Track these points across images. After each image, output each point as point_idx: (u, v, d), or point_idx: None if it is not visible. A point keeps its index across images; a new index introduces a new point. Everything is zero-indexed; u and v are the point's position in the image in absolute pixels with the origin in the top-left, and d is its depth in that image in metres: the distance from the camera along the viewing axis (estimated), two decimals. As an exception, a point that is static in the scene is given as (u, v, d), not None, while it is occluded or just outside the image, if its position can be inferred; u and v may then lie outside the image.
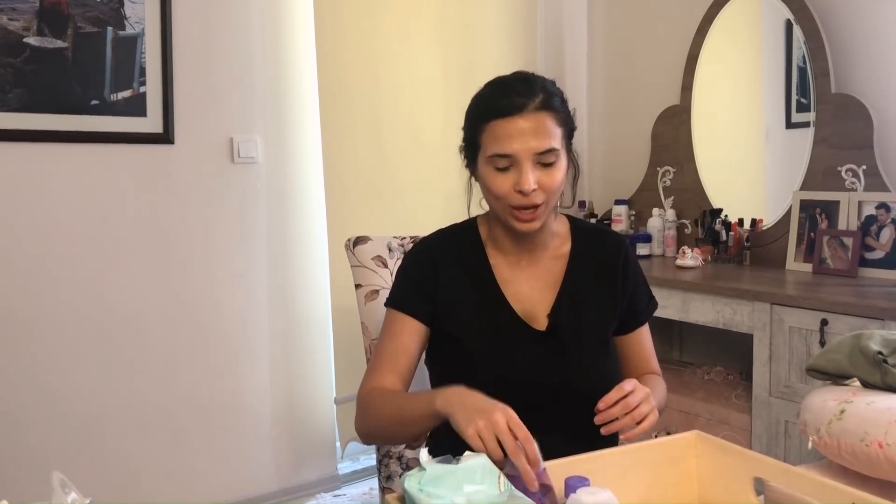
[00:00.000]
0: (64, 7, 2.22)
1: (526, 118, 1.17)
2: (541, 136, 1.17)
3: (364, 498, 2.75)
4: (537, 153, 1.17)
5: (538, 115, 1.17)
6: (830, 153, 2.46)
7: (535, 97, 1.18)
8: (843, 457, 1.28)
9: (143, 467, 2.42)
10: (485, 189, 1.24)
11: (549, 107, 1.19)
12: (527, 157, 1.16)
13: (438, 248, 1.32)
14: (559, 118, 1.21)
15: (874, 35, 2.40)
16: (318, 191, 2.70)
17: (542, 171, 1.18)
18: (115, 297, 2.36)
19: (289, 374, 2.70)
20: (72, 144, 2.27)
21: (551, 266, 1.31)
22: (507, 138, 1.16)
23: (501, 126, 1.17)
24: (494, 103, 1.19)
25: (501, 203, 1.21)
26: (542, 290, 1.29)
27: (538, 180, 1.17)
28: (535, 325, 1.27)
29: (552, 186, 1.19)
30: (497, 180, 1.19)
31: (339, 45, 2.68)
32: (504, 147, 1.17)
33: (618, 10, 3.28)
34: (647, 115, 3.10)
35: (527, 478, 0.84)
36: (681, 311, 2.41)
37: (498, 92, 1.21)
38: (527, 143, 1.16)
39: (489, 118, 1.19)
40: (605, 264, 1.32)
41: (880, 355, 1.36)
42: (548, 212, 1.22)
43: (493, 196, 1.22)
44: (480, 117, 1.21)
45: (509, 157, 1.17)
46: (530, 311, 1.27)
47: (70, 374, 2.30)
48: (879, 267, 2.29)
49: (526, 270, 1.30)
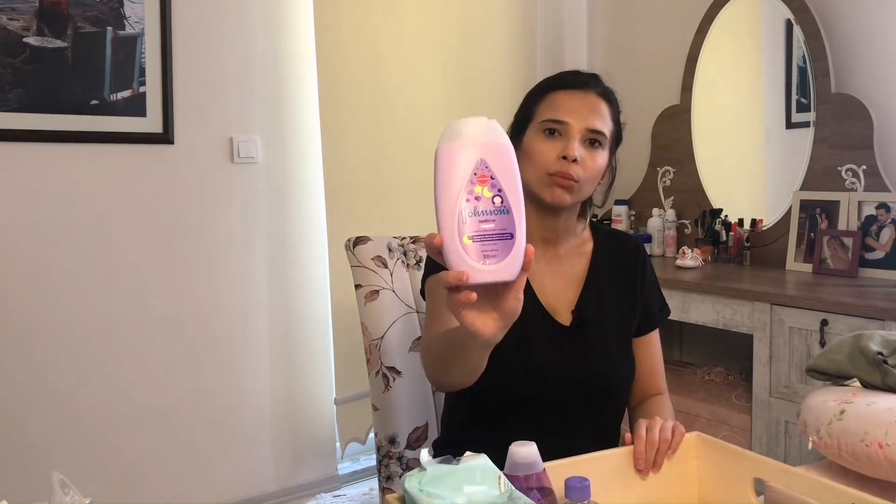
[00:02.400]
0: (64, 7, 2.22)
1: (588, 95, 1.24)
2: (596, 115, 1.23)
3: (364, 498, 2.75)
4: (588, 129, 1.21)
5: (598, 99, 1.25)
6: (830, 153, 2.46)
7: (600, 85, 1.27)
8: (843, 457, 1.28)
9: (143, 467, 2.42)
10: (527, 157, 1.23)
11: (608, 98, 1.27)
12: (578, 130, 1.21)
13: None
14: (613, 114, 1.27)
15: (874, 35, 2.40)
16: (318, 191, 2.70)
17: (587, 149, 1.22)
18: (115, 297, 2.36)
19: (289, 374, 2.70)
20: (72, 144, 2.27)
21: (575, 263, 1.32)
22: (565, 107, 1.22)
23: (563, 96, 1.24)
24: (561, 77, 1.27)
25: (540, 172, 1.21)
26: (565, 286, 1.30)
27: (582, 156, 1.20)
28: (559, 320, 1.27)
29: (593, 167, 1.22)
30: (544, 146, 1.22)
31: (339, 45, 2.68)
32: (561, 113, 1.21)
33: (618, 10, 3.28)
34: (647, 115, 3.10)
35: None
36: (681, 311, 2.41)
37: (567, 72, 1.30)
38: (583, 116, 1.21)
39: (553, 89, 1.25)
40: (625, 265, 1.34)
41: (880, 356, 1.36)
42: (581, 195, 1.24)
43: (534, 161, 1.22)
44: (544, 89, 1.27)
45: (563, 124, 1.21)
46: (553, 306, 1.28)
47: (70, 374, 2.30)
48: (879, 267, 2.28)
49: (550, 265, 1.30)
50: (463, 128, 0.77)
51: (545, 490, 0.84)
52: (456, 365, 1.05)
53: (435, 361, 1.13)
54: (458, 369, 1.06)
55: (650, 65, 3.14)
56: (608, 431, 1.30)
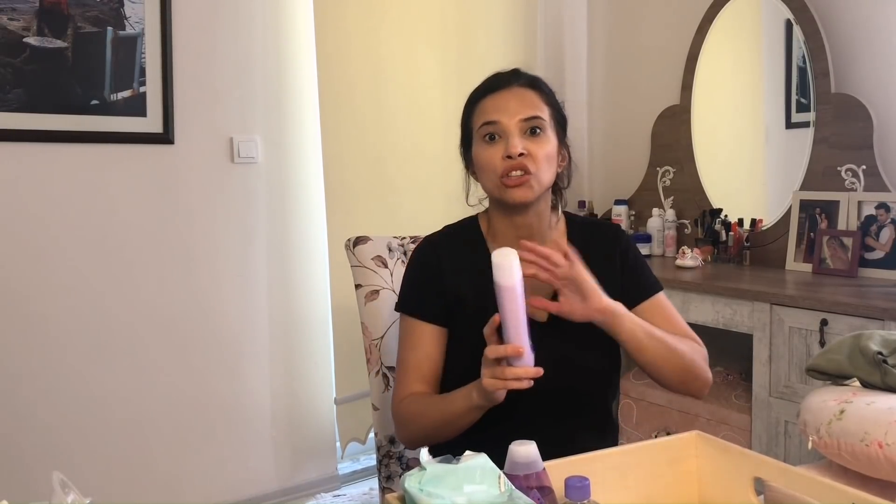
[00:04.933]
0: (64, 7, 2.22)
1: (511, 91, 1.26)
2: (525, 105, 1.24)
3: (364, 498, 2.75)
4: (522, 119, 1.23)
5: (523, 90, 1.26)
6: (830, 153, 2.46)
7: (521, 78, 1.28)
8: (843, 457, 1.28)
9: (143, 467, 2.42)
10: (479, 168, 1.28)
11: (534, 86, 1.28)
12: (513, 125, 1.22)
13: (441, 246, 1.34)
14: (545, 98, 1.28)
15: (874, 35, 2.40)
16: (318, 191, 2.70)
17: (530, 140, 1.23)
18: (115, 297, 2.36)
19: (289, 374, 2.70)
20: (72, 144, 2.27)
21: None
22: (493, 109, 1.25)
23: (489, 101, 1.26)
24: (483, 85, 1.30)
25: (493, 177, 1.24)
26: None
27: (526, 147, 1.22)
28: (535, 317, 1.27)
29: (539, 155, 1.23)
30: (487, 151, 1.24)
31: (339, 45, 2.68)
32: (492, 115, 1.24)
33: (618, 10, 3.28)
34: (647, 115, 3.10)
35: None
36: (680, 311, 2.38)
37: (486, 79, 1.31)
38: (512, 110, 1.23)
39: (480, 97, 1.28)
40: (602, 254, 1.33)
41: (880, 355, 1.36)
42: (540, 186, 1.24)
43: (484, 170, 1.26)
44: (472, 101, 1.30)
45: (496, 124, 1.23)
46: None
47: (70, 374, 2.30)
48: (879, 267, 2.29)
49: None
50: (511, 264, 0.98)
51: (545, 489, 0.84)
52: (455, 429, 1.18)
53: (424, 432, 1.24)
54: (454, 434, 1.19)
55: (650, 65, 3.14)
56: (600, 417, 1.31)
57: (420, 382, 1.27)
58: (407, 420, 1.27)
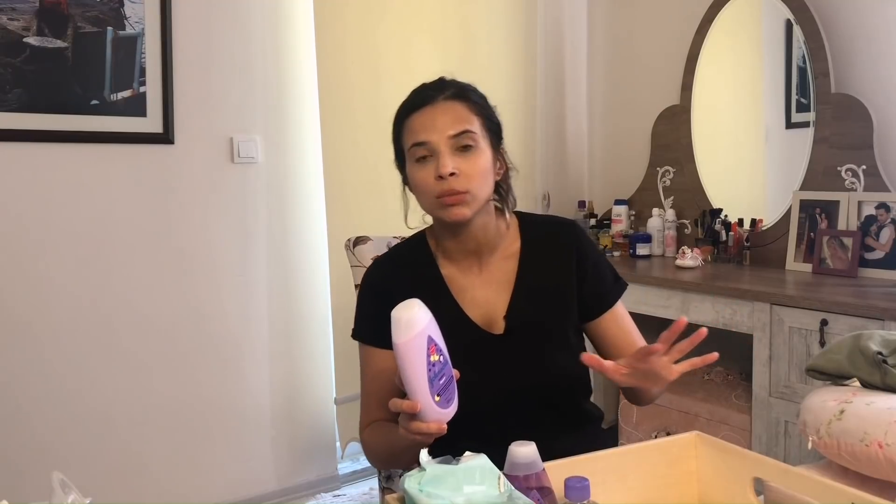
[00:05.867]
0: (64, 7, 2.22)
1: (437, 107, 1.20)
2: (453, 120, 1.19)
3: (364, 498, 2.75)
4: (451, 136, 1.18)
5: (450, 104, 1.21)
6: (830, 153, 2.46)
7: (447, 90, 1.23)
8: (842, 457, 1.28)
9: (143, 467, 2.42)
10: (414, 188, 1.24)
11: (461, 97, 1.23)
12: (442, 143, 1.18)
13: (389, 270, 1.32)
14: (475, 108, 1.23)
15: (874, 35, 2.40)
16: (318, 191, 2.70)
17: (461, 156, 1.18)
18: (115, 297, 2.36)
19: (289, 374, 2.70)
20: (72, 144, 2.27)
21: (503, 267, 1.29)
22: (421, 128, 1.20)
23: (416, 119, 1.21)
24: (408, 102, 1.25)
25: (429, 197, 1.21)
26: (497, 293, 1.27)
27: (457, 166, 1.17)
28: (494, 330, 1.26)
29: (472, 172, 1.18)
30: (420, 172, 1.20)
31: (339, 45, 2.68)
32: (419, 135, 1.19)
33: (618, 10, 3.28)
34: (647, 115, 3.10)
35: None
36: (681, 311, 2.41)
37: (412, 93, 1.26)
38: (440, 128, 1.18)
39: (405, 117, 1.23)
40: (557, 254, 1.30)
41: (880, 355, 1.36)
42: (477, 202, 1.20)
43: (419, 191, 1.22)
44: (399, 120, 1.25)
45: (426, 145, 1.19)
46: (489, 316, 1.26)
47: (70, 374, 2.30)
48: (879, 267, 2.28)
49: (479, 276, 1.28)
50: (408, 318, 0.96)
51: (545, 490, 0.84)
52: (405, 462, 1.18)
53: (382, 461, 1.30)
54: (408, 465, 1.16)
55: (650, 65, 3.14)
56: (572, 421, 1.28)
57: (381, 409, 1.25)
58: (368, 449, 1.30)
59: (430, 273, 1.29)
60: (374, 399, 1.27)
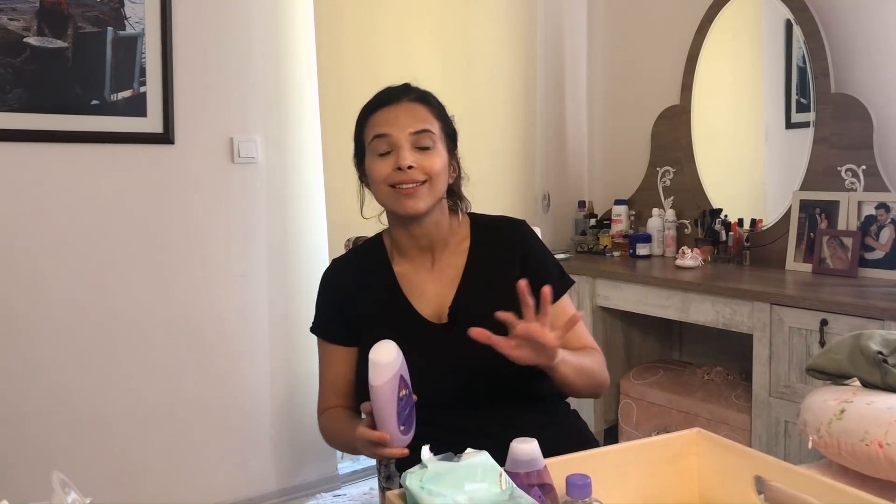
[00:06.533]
0: (64, 7, 2.22)
1: (400, 106, 1.29)
2: (415, 119, 1.28)
3: (364, 498, 2.75)
4: (412, 133, 1.26)
5: (413, 104, 1.30)
6: (830, 153, 2.46)
7: (411, 93, 1.32)
8: (843, 457, 1.28)
9: (143, 467, 2.42)
10: (371, 181, 1.31)
11: (424, 101, 1.32)
12: (403, 138, 1.26)
13: (346, 268, 1.41)
14: (435, 113, 1.32)
15: (874, 35, 2.40)
16: (318, 191, 2.70)
17: (420, 154, 1.26)
18: (116, 297, 2.36)
19: (289, 374, 2.70)
20: (72, 144, 2.27)
21: (454, 262, 1.36)
22: (384, 122, 1.28)
23: (380, 115, 1.30)
24: (373, 100, 1.34)
25: (385, 188, 1.28)
26: (446, 288, 1.34)
27: (416, 160, 1.25)
28: (439, 322, 1.31)
29: (430, 168, 1.26)
30: (379, 164, 1.27)
31: (339, 45, 2.68)
32: (382, 128, 1.28)
33: (618, 10, 3.28)
34: (647, 115, 3.10)
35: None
36: (680, 311, 2.41)
37: (378, 93, 1.35)
38: (402, 124, 1.27)
39: (371, 112, 1.32)
40: (503, 251, 1.36)
41: (880, 355, 1.36)
42: (431, 196, 1.27)
43: (376, 182, 1.29)
44: (364, 115, 1.34)
45: (387, 138, 1.27)
46: (438, 310, 1.32)
47: (70, 374, 2.29)
48: (879, 267, 2.29)
49: (431, 272, 1.35)
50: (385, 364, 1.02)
51: (546, 487, 0.84)
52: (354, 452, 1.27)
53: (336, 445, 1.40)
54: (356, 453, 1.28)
55: (650, 65, 3.14)
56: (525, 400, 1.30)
57: (336, 397, 1.37)
58: (325, 434, 1.39)
59: (384, 271, 1.37)
60: (329, 388, 1.38)
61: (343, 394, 1.37)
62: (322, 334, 1.39)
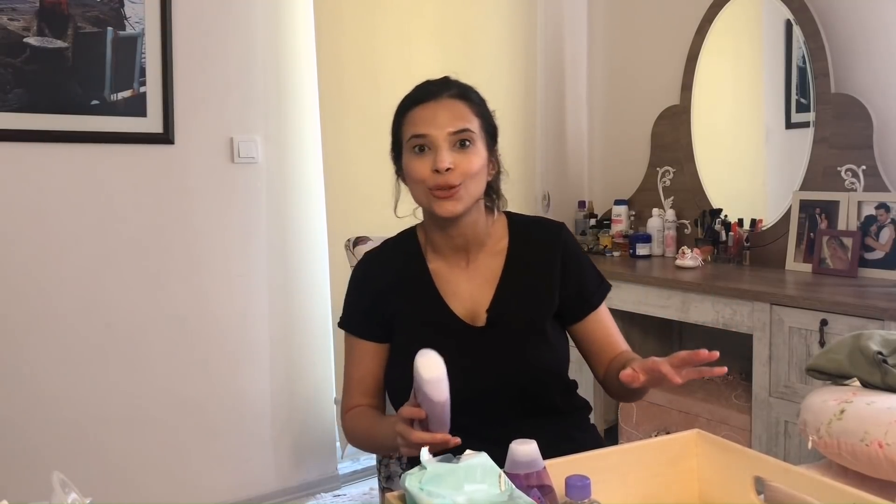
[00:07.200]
0: (64, 7, 2.22)
1: (440, 103, 1.25)
2: (454, 118, 1.24)
3: (364, 498, 2.75)
4: (451, 133, 1.22)
5: (452, 102, 1.26)
6: (830, 153, 2.46)
7: (451, 89, 1.27)
8: (843, 457, 1.28)
9: (143, 467, 2.42)
10: (409, 180, 1.28)
11: (463, 97, 1.27)
12: (442, 138, 1.22)
13: (379, 263, 1.36)
14: (475, 109, 1.28)
15: (874, 35, 2.40)
16: (318, 191, 2.70)
17: (459, 153, 1.23)
18: (115, 297, 2.36)
19: (289, 374, 2.70)
20: (72, 144, 2.27)
21: (490, 263, 1.33)
22: (422, 121, 1.24)
23: (418, 112, 1.25)
24: (412, 95, 1.29)
25: (422, 188, 1.25)
26: (481, 288, 1.31)
27: (454, 161, 1.21)
28: (476, 324, 1.29)
29: (468, 169, 1.22)
30: (416, 164, 1.24)
31: (339, 45, 2.68)
32: (420, 127, 1.23)
33: (618, 10, 3.28)
34: (647, 115, 3.10)
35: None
36: (680, 311, 2.41)
37: (416, 88, 1.30)
38: (441, 124, 1.22)
39: (409, 107, 1.27)
40: (542, 253, 1.34)
41: (880, 355, 1.36)
42: (469, 197, 1.24)
43: (414, 182, 1.26)
44: (402, 110, 1.29)
45: (425, 137, 1.23)
46: (472, 310, 1.30)
47: (70, 374, 2.30)
48: (879, 267, 2.29)
49: (465, 271, 1.32)
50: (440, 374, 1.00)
51: (545, 488, 0.84)
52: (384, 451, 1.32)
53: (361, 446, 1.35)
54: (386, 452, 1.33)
55: (650, 65, 3.14)
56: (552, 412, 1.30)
57: (363, 396, 1.33)
58: (349, 433, 1.34)
59: (417, 267, 1.33)
60: (356, 386, 1.33)
61: (370, 392, 1.33)
62: (352, 330, 1.34)
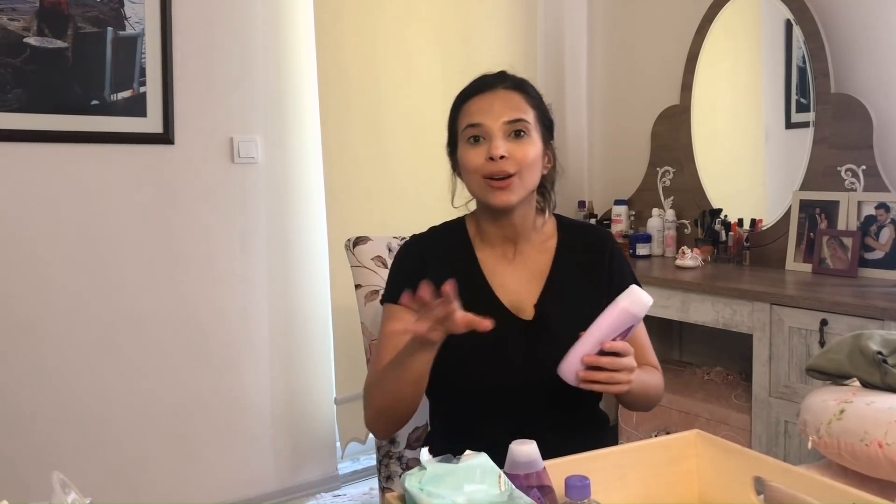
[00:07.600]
0: (64, 7, 2.22)
1: (496, 94, 1.27)
2: (510, 108, 1.25)
3: (364, 498, 2.75)
4: (506, 122, 1.24)
5: (508, 93, 1.27)
6: (830, 153, 2.46)
7: (506, 81, 1.29)
8: (843, 457, 1.28)
9: (144, 467, 2.42)
10: (463, 170, 1.29)
11: (519, 89, 1.29)
12: (497, 127, 1.23)
13: (426, 246, 1.36)
14: (531, 101, 1.29)
15: (874, 35, 2.40)
16: (318, 191, 2.70)
17: (514, 142, 1.24)
18: (116, 297, 2.36)
19: (289, 374, 2.70)
20: (72, 144, 2.27)
21: (538, 259, 1.34)
22: (477, 111, 1.26)
23: (474, 103, 1.28)
24: (469, 87, 1.31)
25: (476, 178, 1.25)
26: (528, 282, 1.32)
27: (509, 150, 1.23)
28: (523, 316, 1.29)
29: (523, 158, 1.23)
30: (471, 153, 1.25)
31: (339, 45, 2.68)
32: (476, 117, 1.25)
33: (618, 10, 3.28)
34: (647, 115, 3.10)
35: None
36: (680, 311, 2.41)
37: (473, 81, 1.33)
38: (496, 113, 1.24)
39: (465, 99, 1.30)
40: (590, 257, 1.35)
41: (880, 355, 1.36)
42: (523, 189, 1.25)
43: (468, 172, 1.27)
44: (458, 103, 1.32)
45: (480, 127, 1.24)
46: (517, 303, 1.30)
47: (70, 374, 2.30)
48: (879, 267, 2.29)
49: (513, 263, 1.33)
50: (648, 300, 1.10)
51: (545, 488, 0.84)
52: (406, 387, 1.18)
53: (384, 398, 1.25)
54: (408, 395, 1.20)
55: (650, 65, 3.14)
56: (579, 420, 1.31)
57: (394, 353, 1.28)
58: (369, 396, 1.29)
59: (465, 254, 1.34)
60: (387, 354, 1.27)
61: None
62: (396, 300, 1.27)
